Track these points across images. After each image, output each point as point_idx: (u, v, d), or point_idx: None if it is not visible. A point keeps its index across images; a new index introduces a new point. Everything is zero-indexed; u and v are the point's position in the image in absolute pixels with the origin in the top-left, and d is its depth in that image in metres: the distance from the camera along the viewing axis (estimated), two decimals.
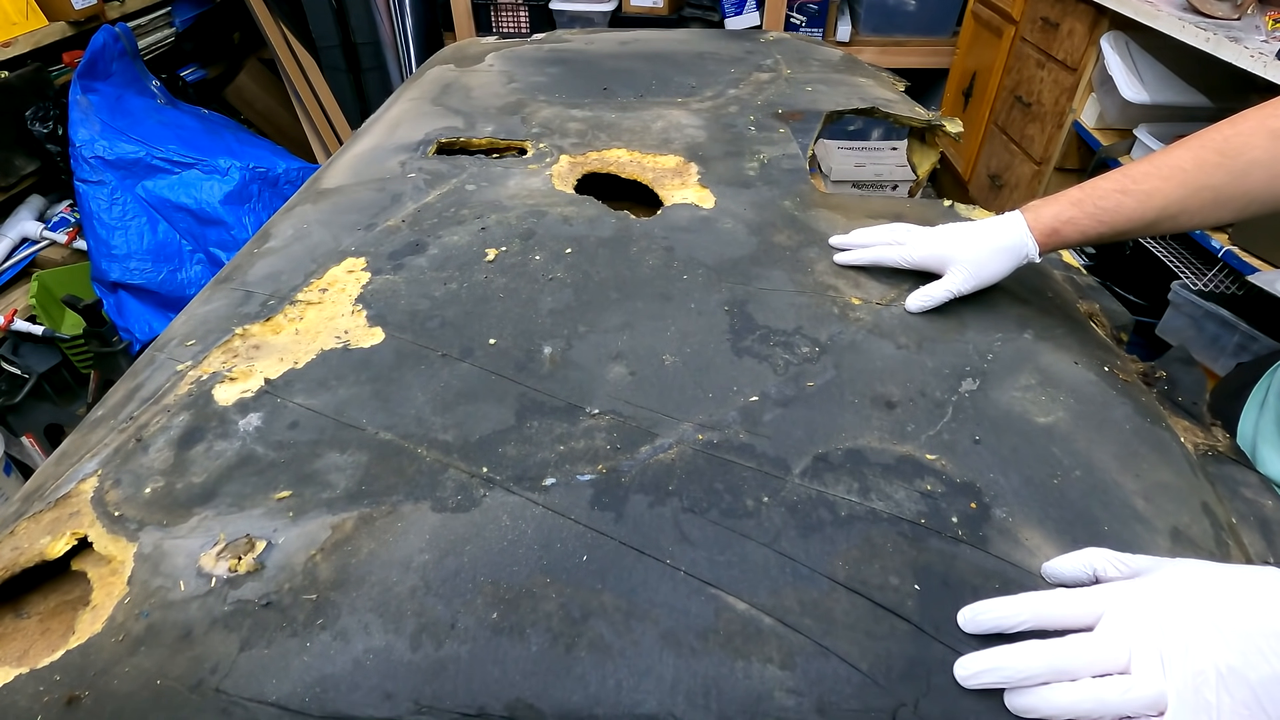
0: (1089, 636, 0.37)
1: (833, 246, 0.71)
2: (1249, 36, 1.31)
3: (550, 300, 0.65)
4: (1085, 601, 0.38)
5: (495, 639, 0.40)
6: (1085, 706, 0.35)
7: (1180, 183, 0.56)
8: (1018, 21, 2.06)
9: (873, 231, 0.69)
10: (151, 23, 2.18)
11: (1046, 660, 0.36)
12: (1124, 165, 0.60)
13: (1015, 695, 0.37)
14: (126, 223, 1.79)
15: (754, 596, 0.42)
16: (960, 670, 0.38)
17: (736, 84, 1.11)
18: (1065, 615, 0.38)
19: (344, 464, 0.50)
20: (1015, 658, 0.37)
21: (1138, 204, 0.58)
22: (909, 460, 0.50)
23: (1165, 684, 0.34)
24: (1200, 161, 0.56)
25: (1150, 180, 0.57)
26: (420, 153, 0.91)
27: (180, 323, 0.67)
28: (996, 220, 0.63)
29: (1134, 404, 0.56)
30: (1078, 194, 0.60)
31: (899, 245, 0.67)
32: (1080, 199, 0.60)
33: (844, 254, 0.70)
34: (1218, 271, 1.48)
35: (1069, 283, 0.75)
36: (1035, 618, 0.38)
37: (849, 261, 0.69)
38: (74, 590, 0.47)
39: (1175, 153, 0.57)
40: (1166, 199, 0.57)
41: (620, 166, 0.88)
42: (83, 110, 1.78)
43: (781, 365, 0.58)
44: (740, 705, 0.37)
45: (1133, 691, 0.35)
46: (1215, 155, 0.56)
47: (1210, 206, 0.57)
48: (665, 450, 0.51)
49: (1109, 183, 0.59)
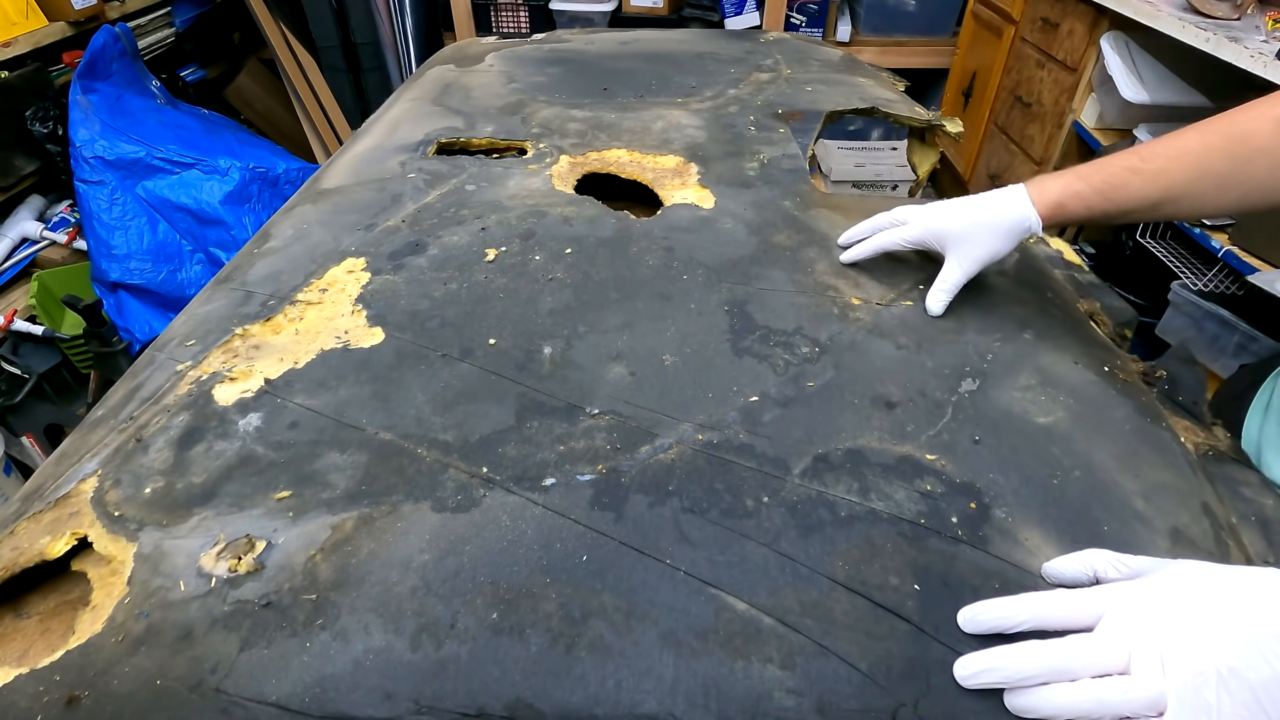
0: (1088, 637, 0.37)
1: (840, 245, 0.71)
2: (1249, 36, 1.31)
3: (550, 300, 0.65)
4: (1085, 602, 0.38)
5: (495, 639, 0.40)
6: (1085, 707, 0.35)
7: (1187, 165, 0.56)
8: (1018, 21, 2.06)
9: (874, 220, 0.69)
10: (151, 23, 2.18)
11: (1046, 661, 0.36)
12: (1134, 146, 0.60)
13: (1015, 695, 0.37)
14: (126, 223, 1.79)
15: (754, 596, 0.42)
16: (960, 670, 0.38)
17: (736, 84, 1.11)
18: (1065, 616, 0.38)
19: (344, 464, 0.50)
20: (1014, 658, 0.37)
21: (1145, 183, 0.57)
22: (909, 460, 0.50)
23: (1165, 685, 0.34)
24: (1207, 146, 0.56)
25: (1159, 160, 0.57)
26: (420, 153, 0.91)
27: (180, 323, 0.67)
28: (998, 194, 0.63)
29: (1134, 404, 0.56)
30: (1087, 169, 0.60)
31: (900, 226, 0.66)
32: (1089, 174, 0.60)
33: (848, 252, 0.70)
34: (1218, 271, 1.48)
35: (1070, 281, 0.74)
36: (1035, 618, 0.38)
37: (854, 259, 0.69)
38: (74, 590, 0.47)
39: (1185, 136, 0.57)
40: (1172, 180, 0.57)
41: (620, 167, 0.88)
42: (83, 110, 1.78)
43: (781, 365, 0.58)
44: (740, 705, 0.37)
45: (1132, 692, 0.34)
46: (1222, 140, 0.56)
47: (1214, 192, 0.57)
48: (665, 450, 0.51)
49: (1120, 160, 0.59)
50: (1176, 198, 0.57)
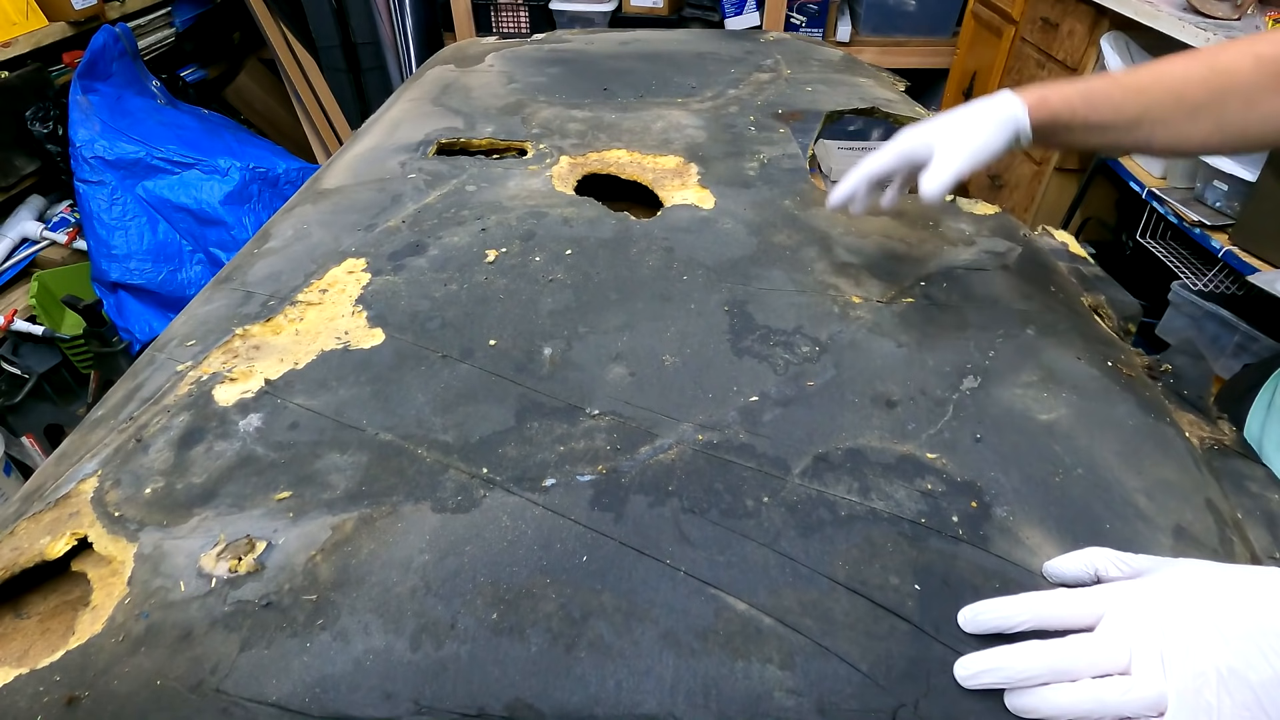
0: (1089, 637, 0.37)
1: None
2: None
3: (550, 301, 0.65)
4: (1086, 602, 0.38)
5: (495, 639, 0.40)
6: (1085, 707, 0.35)
7: (1166, 88, 0.58)
8: (1018, 21, 2.06)
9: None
10: (151, 23, 2.18)
11: (1046, 661, 0.36)
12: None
13: (1015, 695, 0.37)
14: (126, 223, 1.79)
15: (754, 596, 0.42)
16: (960, 670, 0.38)
17: (736, 84, 1.11)
18: (1066, 615, 0.38)
19: (344, 464, 0.50)
20: (1015, 658, 0.37)
21: (1125, 97, 0.58)
22: (909, 459, 0.50)
23: (1166, 685, 0.34)
24: (1187, 73, 0.57)
25: (1141, 79, 0.59)
26: (420, 153, 0.91)
27: (180, 323, 0.67)
28: (980, 100, 0.63)
29: (1137, 399, 0.56)
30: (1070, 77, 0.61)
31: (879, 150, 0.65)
32: (1072, 79, 0.61)
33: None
34: (1218, 271, 1.48)
35: (1074, 274, 0.74)
36: (1036, 618, 0.38)
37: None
38: (74, 590, 0.47)
39: (1170, 61, 0.59)
40: (1150, 100, 0.58)
41: (620, 167, 0.88)
42: (83, 110, 1.78)
43: (781, 365, 0.58)
44: (740, 705, 0.37)
45: (1133, 692, 0.34)
46: (1202, 70, 0.57)
47: (1186, 120, 0.57)
48: (665, 450, 0.51)
49: (1105, 75, 0.60)
50: (1153, 120, 0.58)
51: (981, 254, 0.72)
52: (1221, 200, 1.41)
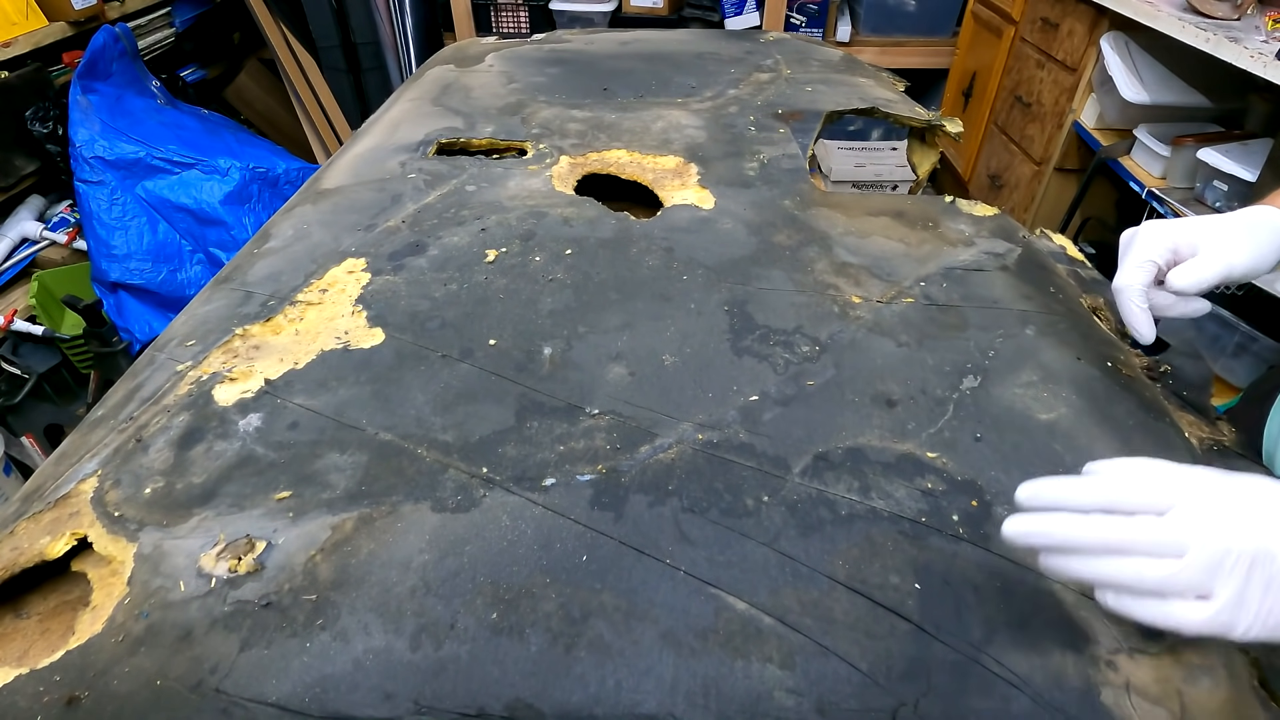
0: (1157, 521, 0.37)
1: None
2: (1249, 36, 1.31)
3: (550, 301, 0.65)
4: (1161, 493, 0.38)
5: (495, 639, 0.40)
6: (1125, 578, 0.36)
7: None
8: (1018, 22, 2.06)
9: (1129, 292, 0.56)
10: (151, 23, 2.18)
11: (1109, 534, 0.36)
12: None
13: (1055, 557, 0.37)
14: (126, 223, 1.79)
15: (754, 596, 0.42)
16: (1009, 528, 0.38)
17: (736, 84, 1.11)
18: (1139, 502, 0.38)
19: (344, 464, 0.50)
20: (1077, 527, 0.37)
21: None
22: (910, 458, 0.50)
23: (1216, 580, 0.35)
24: None
25: None
26: (420, 153, 0.91)
27: (180, 323, 0.67)
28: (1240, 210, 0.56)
29: (1137, 399, 0.56)
30: None
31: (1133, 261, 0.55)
32: None
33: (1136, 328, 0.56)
34: None
35: (1073, 276, 0.74)
36: (1109, 502, 0.38)
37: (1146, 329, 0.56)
38: (74, 590, 0.47)
39: None
40: None
41: (620, 167, 0.88)
42: (83, 110, 1.78)
43: (781, 364, 0.58)
44: (740, 705, 0.37)
45: (1181, 575, 0.35)
46: None
47: None
48: (665, 450, 0.51)
49: None
50: None
51: (981, 255, 0.72)
52: (1221, 200, 1.41)
